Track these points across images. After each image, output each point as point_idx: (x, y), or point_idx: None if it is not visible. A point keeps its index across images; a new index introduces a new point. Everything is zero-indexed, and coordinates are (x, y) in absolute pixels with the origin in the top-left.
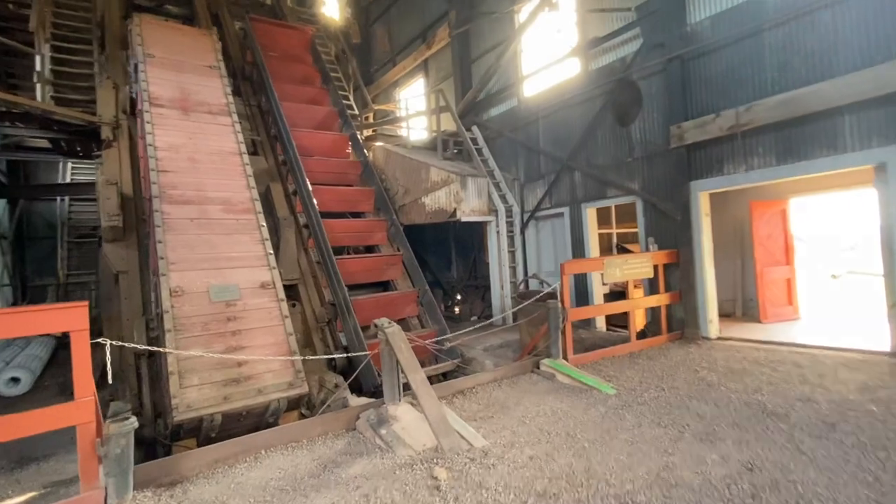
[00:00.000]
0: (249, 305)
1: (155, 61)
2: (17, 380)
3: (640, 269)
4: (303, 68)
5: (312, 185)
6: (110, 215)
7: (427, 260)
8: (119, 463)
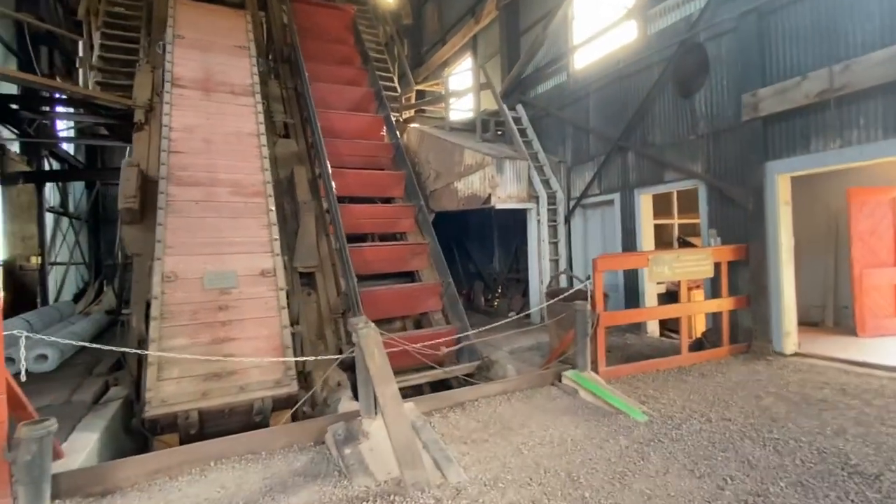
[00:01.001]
0: (245, 294)
1: (183, 42)
2: (44, 357)
3: (696, 268)
4: (343, 49)
5: (338, 168)
6: (127, 197)
7: (469, 250)
8: (29, 471)
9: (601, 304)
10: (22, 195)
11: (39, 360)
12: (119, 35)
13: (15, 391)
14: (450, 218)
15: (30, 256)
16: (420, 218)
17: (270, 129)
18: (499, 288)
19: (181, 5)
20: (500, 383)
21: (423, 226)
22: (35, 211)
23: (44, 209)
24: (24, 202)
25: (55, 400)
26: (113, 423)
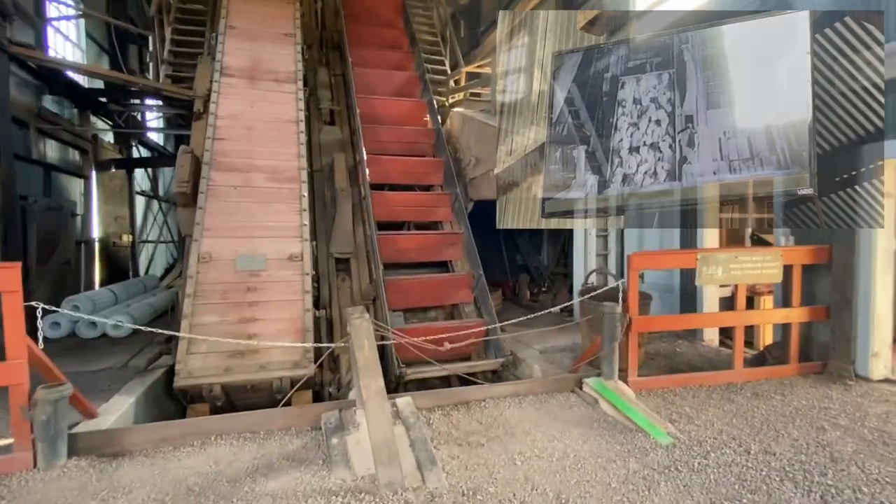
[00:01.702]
0: (273, 277)
1: (234, 32)
2: (121, 323)
3: (759, 270)
4: (392, 33)
5: (378, 154)
6: (180, 182)
7: (517, 241)
8: (46, 429)
9: (634, 306)
10: (114, 180)
11: (117, 327)
12: (188, 30)
13: (40, 358)
14: (494, 205)
15: (122, 235)
16: (456, 207)
17: (316, 116)
18: (545, 282)
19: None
20: (512, 385)
21: (459, 215)
22: (126, 194)
23: (134, 192)
24: (115, 186)
25: (116, 364)
26: (153, 389)
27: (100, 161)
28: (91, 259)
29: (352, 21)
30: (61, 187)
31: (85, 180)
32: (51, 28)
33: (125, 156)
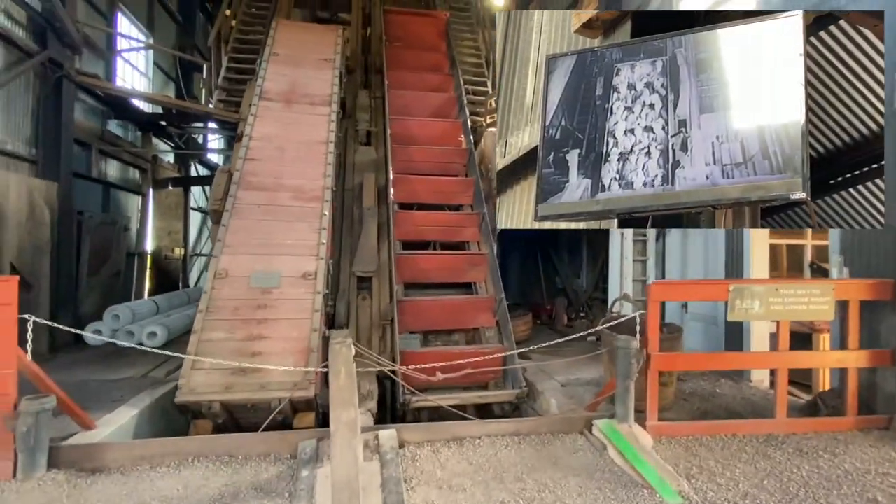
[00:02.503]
0: (285, 295)
1: (277, 59)
2: (154, 334)
3: (805, 306)
4: (434, 56)
5: (410, 174)
6: (215, 199)
7: (556, 263)
8: (26, 440)
9: (654, 341)
10: (170, 197)
11: (151, 337)
12: (244, 58)
13: (31, 369)
14: (533, 228)
15: (174, 248)
16: (483, 227)
17: (353, 136)
18: (583, 307)
19: (282, 25)
20: (513, 422)
21: (486, 235)
22: (181, 210)
23: (189, 208)
24: (171, 203)
25: (136, 374)
26: (161, 402)
27: (158, 179)
28: (142, 271)
29: (394, 46)
30: (119, 203)
31: (142, 197)
32: (120, 59)
33: (183, 174)
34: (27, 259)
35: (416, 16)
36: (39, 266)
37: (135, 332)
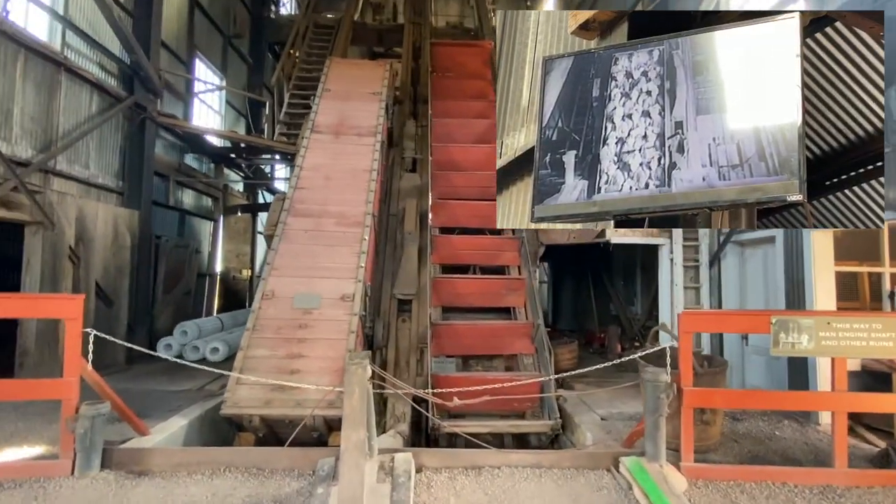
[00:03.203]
0: (324, 315)
1: (329, 94)
2: (217, 349)
3: (865, 343)
4: (479, 84)
5: (450, 199)
6: (270, 225)
7: (609, 289)
8: (83, 441)
9: (688, 374)
10: (239, 222)
11: (214, 352)
12: (303, 94)
13: (93, 377)
14: (588, 250)
15: (241, 269)
16: (522, 251)
17: (399, 164)
18: (636, 335)
19: (334, 63)
20: (534, 454)
21: (524, 260)
22: (249, 234)
23: (256, 232)
24: (239, 228)
25: (194, 386)
26: (210, 413)
27: (228, 206)
28: (212, 290)
29: (440, 76)
30: (192, 228)
31: (214, 223)
32: (197, 100)
33: (251, 201)
34: (110, 279)
35: (461, 46)
36: (120, 285)
37: (199, 347)
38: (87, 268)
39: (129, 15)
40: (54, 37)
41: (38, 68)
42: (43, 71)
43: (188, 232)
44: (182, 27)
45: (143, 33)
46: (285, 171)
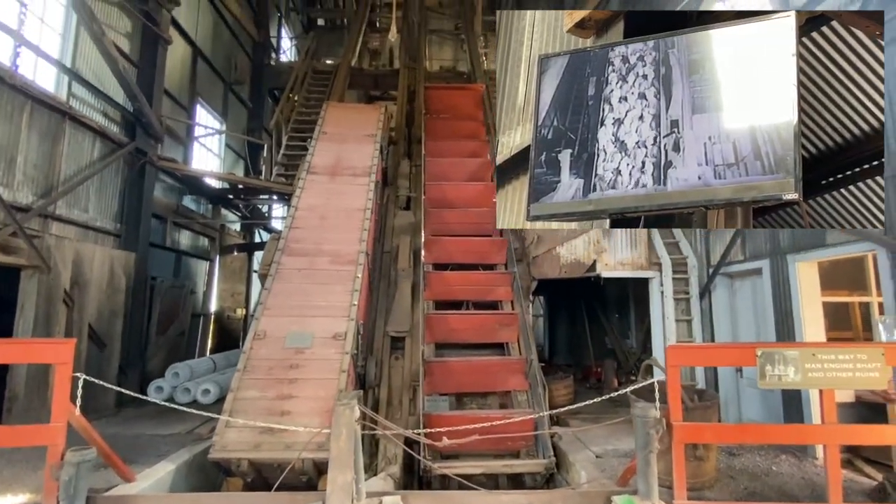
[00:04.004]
0: (315, 355)
1: (326, 136)
2: (208, 391)
3: (851, 374)
4: (471, 125)
5: (443, 235)
6: (264, 265)
7: (603, 322)
8: (66, 489)
9: (676, 409)
10: (235, 262)
11: (205, 394)
12: (300, 136)
13: (80, 422)
14: (581, 283)
15: (236, 308)
16: (515, 286)
17: (394, 202)
18: (632, 370)
19: (331, 107)
20: (525, 495)
21: (517, 294)
22: (245, 273)
23: (252, 271)
24: (235, 267)
25: (184, 429)
26: (198, 458)
27: (224, 246)
28: (206, 330)
29: (434, 117)
30: (188, 268)
31: (210, 262)
32: (197, 143)
33: (247, 241)
34: (104, 321)
35: (454, 89)
36: (114, 327)
37: (191, 389)
38: (80, 311)
39: (133, 66)
40: (61, 87)
41: (43, 117)
42: (48, 120)
43: (184, 272)
44: (185, 76)
45: (146, 83)
46: (282, 210)
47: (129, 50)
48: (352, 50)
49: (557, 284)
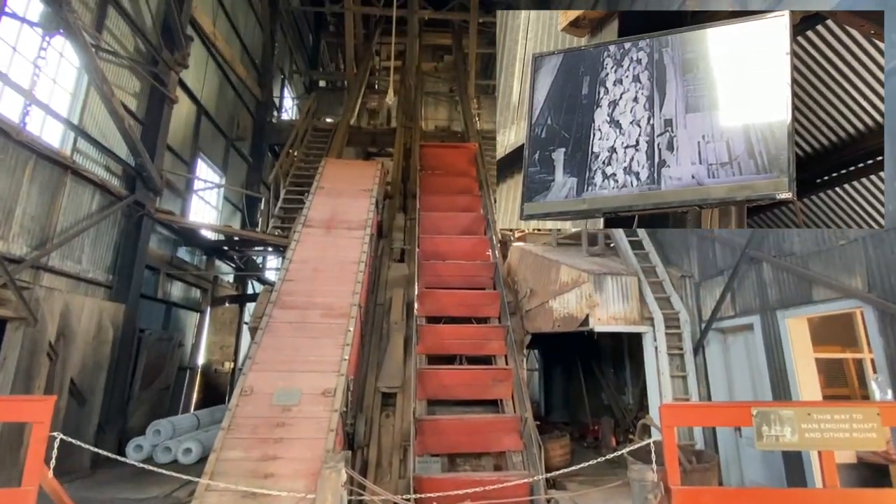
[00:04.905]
0: (303, 413)
1: (323, 191)
2: (190, 450)
3: (848, 434)
4: (465, 181)
5: (437, 287)
6: (255, 317)
7: (599, 377)
8: None
9: (674, 472)
10: (226, 313)
11: (186, 453)
12: (298, 191)
13: (52, 485)
14: (576, 336)
15: (224, 362)
16: (508, 340)
17: (388, 254)
18: (630, 427)
19: (329, 163)
20: None
21: (511, 349)
22: (235, 326)
23: (242, 323)
24: (226, 319)
25: (162, 493)
26: None
27: (216, 297)
28: (192, 384)
29: (428, 173)
30: (178, 320)
31: (200, 314)
32: (196, 196)
33: (240, 292)
34: (87, 375)
35: (448, 147)
36: (96, 381)
37: (172, 448)
38: (63, 364)
39: (139, 123)
40: (66, 143)
41: (45, 171)
42: (50, 174)
43: (173, 324)
44: (188, 132)
45: (150, 139)
46: (277, 261)
47: (135, 108)
48: (351, 109)
49: (552, 338)
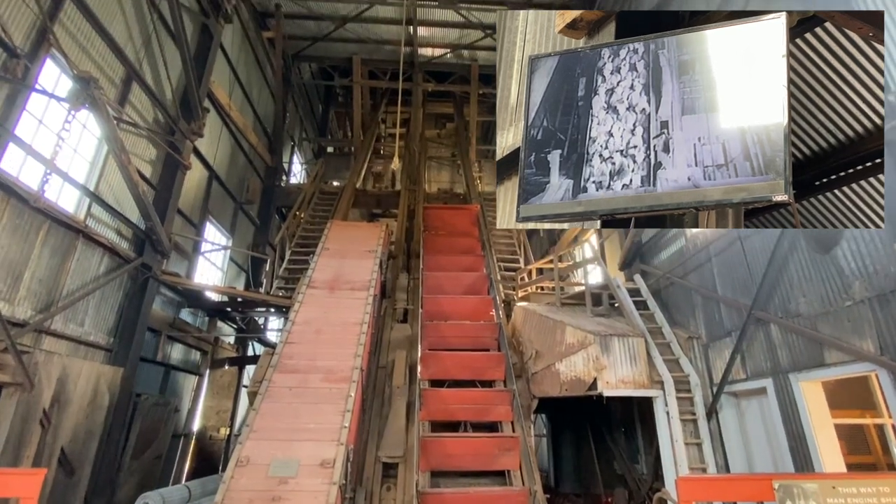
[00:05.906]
0: (300, 486)
1: (327, 252)
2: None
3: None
4: (467, 241)
5: (434, 350)
6: (254, 381)
7: (611, 445)
8: None
9: None
10: (225, 376)
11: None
12: (304, 251)
13: None
14: (584, 402)
15: (219, 427)
16: (515, 405)
17: (391, 315)
18: (644, 499)
19: (335, 225)
20: None
21: (517, 414)
22: (233, 389)
23: (241, 387)
24: (224, 382)
25: None
26: None
27: (216, 360)
28: (185, 452)
29: (431, 234)
30: (176, 384)
31: (199, 377)
32: (202, 258)
33: (240, 353)
34: (78, 443)
35: (451, 209)
36: (87, 450)
37: None
38: (55, 432)
39: (152, 188)
40: (80, 208)
41: (58, 235)
42: (62, 238)
43: (171, 388)
44: (199, 196)
45: (161, 203)
46: (279, 322)
47: (150, 174)
48: (357, 174)
49: (560, 402)
